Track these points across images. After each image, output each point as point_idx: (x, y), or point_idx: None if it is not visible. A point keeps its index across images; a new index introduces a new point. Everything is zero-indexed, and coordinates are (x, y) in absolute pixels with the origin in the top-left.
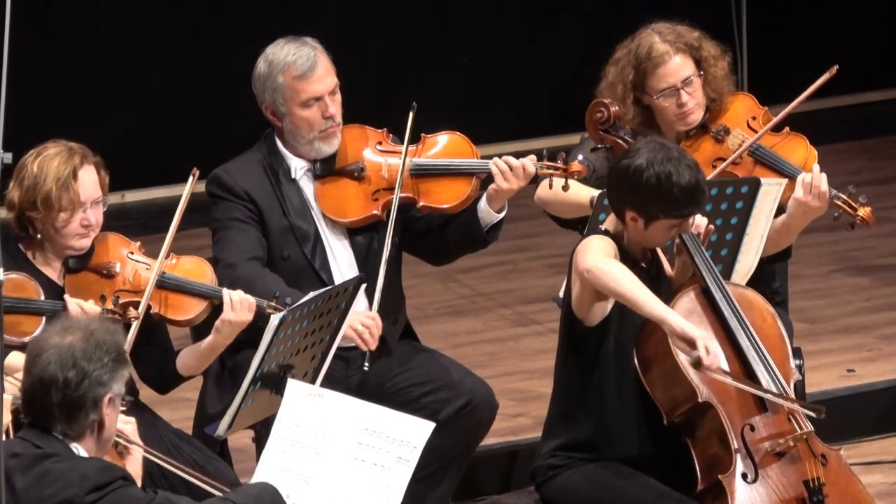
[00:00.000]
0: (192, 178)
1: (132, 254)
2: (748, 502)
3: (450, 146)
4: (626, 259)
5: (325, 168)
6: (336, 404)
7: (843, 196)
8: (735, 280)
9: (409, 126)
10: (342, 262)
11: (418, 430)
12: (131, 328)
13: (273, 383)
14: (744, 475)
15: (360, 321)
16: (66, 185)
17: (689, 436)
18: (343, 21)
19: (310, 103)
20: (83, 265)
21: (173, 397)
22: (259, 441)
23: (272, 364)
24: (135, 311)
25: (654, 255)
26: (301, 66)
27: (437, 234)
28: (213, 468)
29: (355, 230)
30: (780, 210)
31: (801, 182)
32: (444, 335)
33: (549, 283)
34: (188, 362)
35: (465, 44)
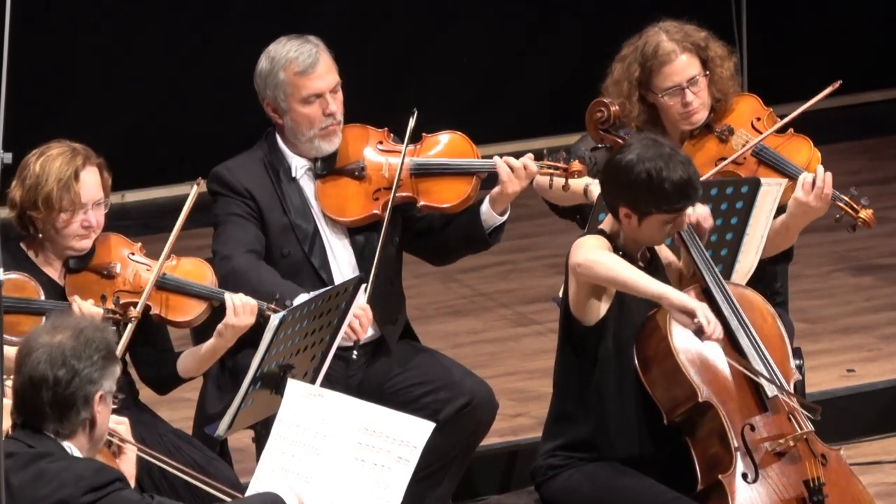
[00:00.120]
0: (195, 186)
1: (133, 255)
2: (748, 502)
3: (450, 146)
4: (623, 258)
5: (326, 167)
6: (336, 404)
7: (845, 198)
8: (735, 280)
9: (409, 131)
10: (342, 260)
11: (418, 430)
12: (129, 328)
13: (273, 383)
14: (744, 475)
15: (351, 311)
16: (67, 185)
17: (689, 435)
18: (343, 21)
19: (310, 100)
20: (84, 265)
21: (173, 397)
22: (259, 441)
23: (272, 364)
24: (135, 312)
25: (654, 254)
26: (303, 63)
27: (438, 235)
28: (213, 469)
29: (356, 229)
30: (781, 210)
31: (802, 182)
32: (444, 335)
33: (549, 283)
34: (188, 365)
35: (465, 44)
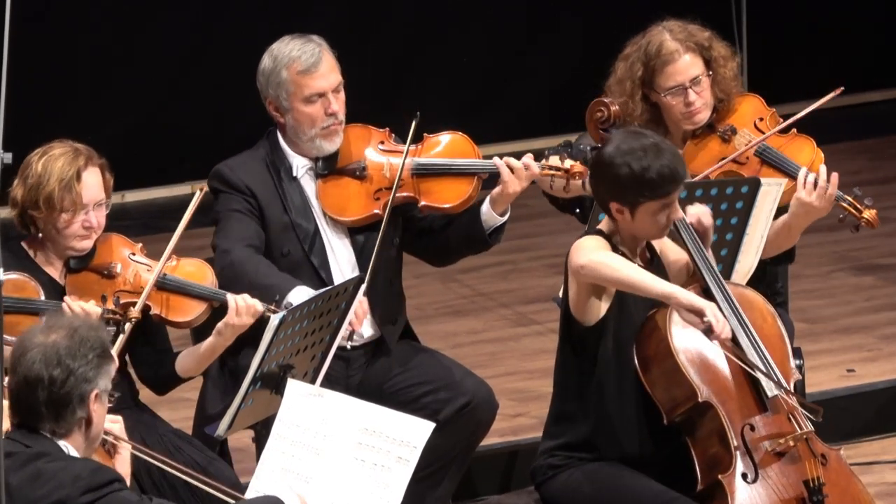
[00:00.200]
0: (199, 192)
1: (134, 255)
2: (748, 502)
3: (451, 146)
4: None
5: (327, 166)
6: (336, 404)
7: (849, 198)
8: (735, 280)
9: (412, 133)
10: (342, 260)
11: (418, 430)
12: (128, 328)
13: (273, 383)
14: (744, 475)
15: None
16: (68, 186)
17: (689, 435)
18: (343, 21)
19: (313, 99)
20: (84, 265)
21: (173, 397)
22: (259, 441)
23: (272, 364)
24: (135, 311)
25: (654, 253)
26: (305, 62)
27: (438, 235)
28: (213, 469)
29: (356, 229)
30: (783, 210)
31: (805, 182)
32: (444, 335)
33: (549, 283)
34: (187, 364)
35: (465, 44)
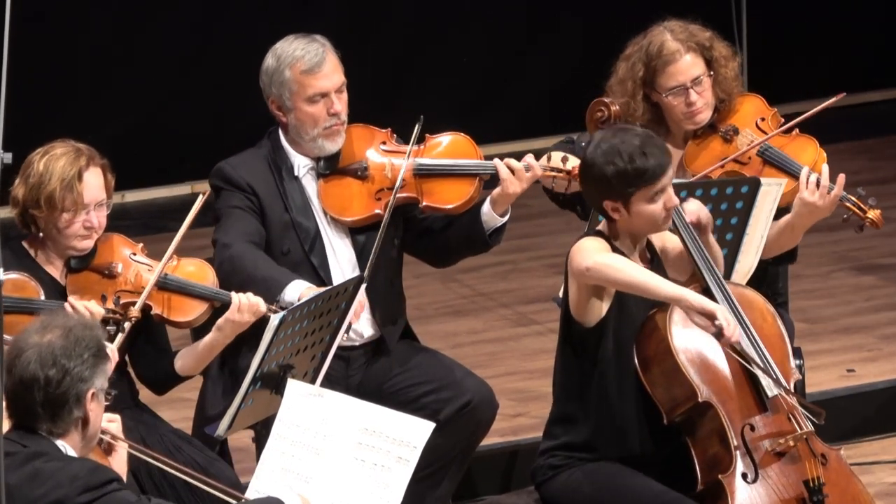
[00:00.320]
0: (201, 195)
1: (134, 255)
2: (748, 502)
3: (453, 147)
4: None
5: (329, 166)
6: (336, 404)
7: (853, 198)
8: (735, 280)
9: (415, 136)
10: (343, 260)
11: (418, 430)
12: (127, 328)
13: (273, 383)
14: (744, 475)
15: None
16: (70, 186)
17: (689, 435)
18: (343, 21)
19: (315, 99)
20: (85, 265)
21: (173, 397)
22: (259, 441)
23: (272, 364)
24: (135, 311)
25: (654, 254)
26: (309, 62)
27: (438, 236)
28: (214, 469)
29: (357, 229)
30: (784, 210)
31: (807, 182)
32: (444, 335)
33: (549, 283)
34: (186, 362)
35: (465, 44)
